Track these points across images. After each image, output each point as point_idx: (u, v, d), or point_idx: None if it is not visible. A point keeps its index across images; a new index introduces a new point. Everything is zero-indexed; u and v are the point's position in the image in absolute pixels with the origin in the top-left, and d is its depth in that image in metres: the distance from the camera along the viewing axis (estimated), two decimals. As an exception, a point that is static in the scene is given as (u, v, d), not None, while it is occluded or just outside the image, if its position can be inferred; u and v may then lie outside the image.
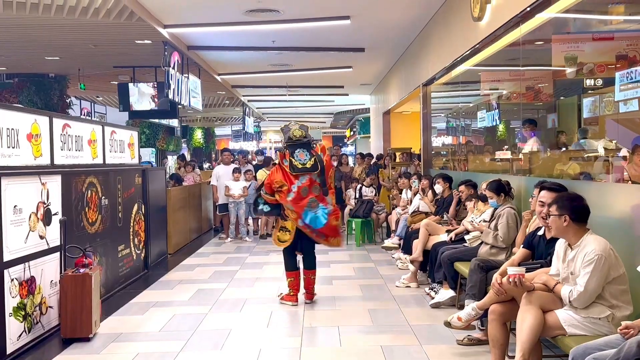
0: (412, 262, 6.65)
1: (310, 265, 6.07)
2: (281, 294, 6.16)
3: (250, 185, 10.68)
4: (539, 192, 4.15)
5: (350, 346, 4.67)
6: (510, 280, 3.55)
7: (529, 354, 3.39)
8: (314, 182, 5.89)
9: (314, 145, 6.16)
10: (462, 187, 6.57)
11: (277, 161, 6.22)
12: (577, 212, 3.44)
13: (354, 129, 29.36)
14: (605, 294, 3.34)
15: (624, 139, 5.44)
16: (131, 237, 7.19)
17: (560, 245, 3.62)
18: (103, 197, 6.25)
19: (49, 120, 5.25)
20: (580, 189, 4.19)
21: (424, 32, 9.53)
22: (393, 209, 9.77)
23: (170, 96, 9.81)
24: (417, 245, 6.66)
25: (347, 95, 18.49)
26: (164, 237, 8.88)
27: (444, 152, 11.74)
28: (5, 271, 4.34)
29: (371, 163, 12.47)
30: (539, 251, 4.10)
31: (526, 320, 3.42)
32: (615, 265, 3.34)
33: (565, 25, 6.01)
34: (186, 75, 10.64)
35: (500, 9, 5.84)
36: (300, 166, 5.83)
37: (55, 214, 5.11)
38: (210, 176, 12.05)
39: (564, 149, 6.56)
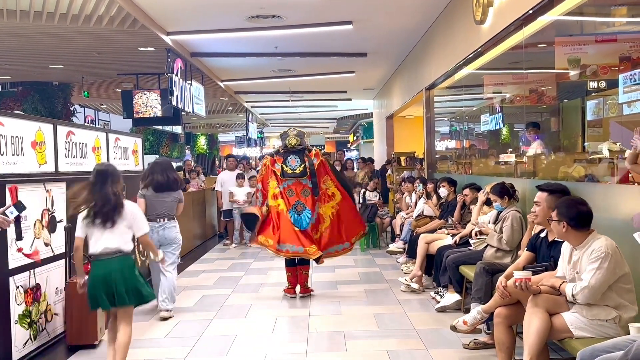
0: (411, 279, 6.61)
1: (302, 260, 6.42)
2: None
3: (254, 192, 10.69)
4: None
5: (356, 351, 4.66)
6: (517, 284, 3.54)
7: (537, 357, 3.37)
8: (303, 186, 6.36)
9: (311, 149, 6.60)
10: (466, 191, 6.56)
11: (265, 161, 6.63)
12: (575, 219, 3.44)
13: (357, 134, 29.37)
14: (611, 293, 3.33)
15: (628, 141, 5.42)
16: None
17: (566, 246, 3.61)
18: (107, 204, 6.24)
19: (53, 128, 5.26)
20: (584, 191, 4.17)
21: (426, 36, 9.54)
22: (397, 213, 9.76)
23: (174, 103, 9.84)
24: (418, 257, 6.66)
25: (350, 100, 18.51)
26: (168, 243, 8.85)
27: (448, 156, 11.73)
28: (11, 279, 4.35)
29: (374, 168, 12.46)
30: (542, 253, 4.09)
31: (533, 323, 3.41)
32: (620, 263, 3.34)
33: (568, 27, 6.00)
34: (189, 81, 10.67)
35: (502, 12, 5.84)
36: (290, 172, 6.39)
37: (60, 221, 5.12)
38: (214, 182, 12.10)
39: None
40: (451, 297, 5.70)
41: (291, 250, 6.20)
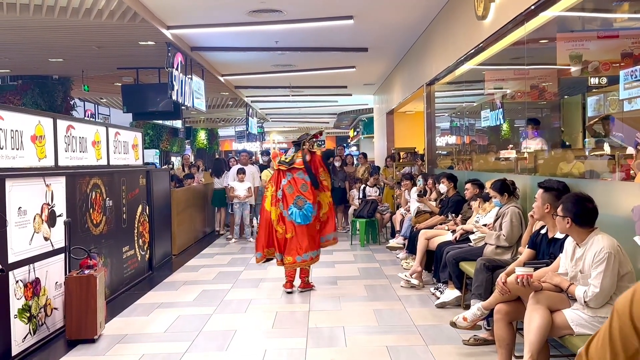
0: (411, 274, 6.61)
1: None
2: None
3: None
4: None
5: (355, 347, 4.66)
6: (519, 280, 3.53)
7: (537, 354, 3.37)
8: (299, 181, 6.48)
9: (315, 141, 6.90)
10: (468, 185, 6.54)
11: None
12: (579, 216, 3.42)
13: (358, 129, 29.32)
14: (615, 291, 3.32)
15: (628, 137, 5.42)
16: (136, 238, 7.19)
17: (569, 243, 3.59)
18: (107, 198, 6.26)
19: (53, 122, 5.25)
20: (585, 187, 4.16)
21: (427, 32, 9.51)
22: (397, 208, 9.75)
23: (174, 97, 9.81)
24: (418, 253, 6.65)
25: (351, 95, 18.46)
26: (168, 238, 8.87)
27: (446, 152, 11.71)
28: (10, 273, 4.34)
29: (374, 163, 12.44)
30: (542, 250, 4.09)
31: (534, 320, 3.40)
32: (623, 262, 3.32)
33: (569, 23, 5.99)
34: (190, 76, 10.64)
35: (504, 7, 5.82)
36: (287, 160, 6.57)
37: (59, 216, 5.11)
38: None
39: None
40: (451, 293, 5.70)
41: (278, 258, 6.55)
